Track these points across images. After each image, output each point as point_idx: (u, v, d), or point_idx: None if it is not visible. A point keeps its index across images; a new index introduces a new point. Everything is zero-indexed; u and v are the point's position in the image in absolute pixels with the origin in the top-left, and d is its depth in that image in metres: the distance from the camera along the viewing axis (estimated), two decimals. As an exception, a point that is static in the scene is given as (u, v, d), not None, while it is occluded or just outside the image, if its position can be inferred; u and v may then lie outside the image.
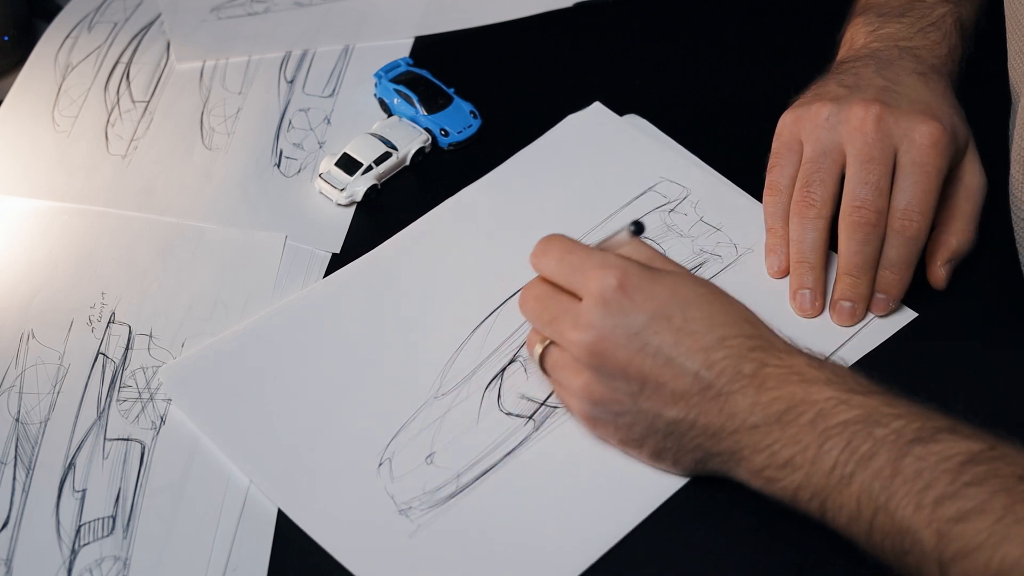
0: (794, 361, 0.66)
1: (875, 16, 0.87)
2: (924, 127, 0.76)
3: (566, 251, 0.70)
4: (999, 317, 0.79)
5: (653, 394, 0.67)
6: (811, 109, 0.79)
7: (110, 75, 0.99)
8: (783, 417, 0.65)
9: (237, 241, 0.86)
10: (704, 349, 0.66)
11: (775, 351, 0.67)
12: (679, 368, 0.66)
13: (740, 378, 0.66)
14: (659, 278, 0.68)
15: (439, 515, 0.70)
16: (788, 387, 0.65)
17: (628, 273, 0.67)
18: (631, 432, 0.69)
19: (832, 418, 0.64)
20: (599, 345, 0.67)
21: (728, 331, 0.67)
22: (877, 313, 0.79)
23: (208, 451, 0.74)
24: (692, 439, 0.67)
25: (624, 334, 0.66)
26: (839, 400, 0.64)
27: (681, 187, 0.87)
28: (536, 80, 0.98)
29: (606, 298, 0.67)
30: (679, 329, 0.66)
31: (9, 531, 0.70)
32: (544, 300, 0.70)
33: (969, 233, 0.80)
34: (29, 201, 0.89)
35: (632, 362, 0.67)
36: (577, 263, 0.69)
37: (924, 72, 0.81)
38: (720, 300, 0.69)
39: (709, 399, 0.66)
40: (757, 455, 0.66)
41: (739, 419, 0.65)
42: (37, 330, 0.80)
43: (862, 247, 0.77)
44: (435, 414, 0.75)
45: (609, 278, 0.67)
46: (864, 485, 0.62)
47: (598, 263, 0.68)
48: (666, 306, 0.67)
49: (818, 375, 0.65)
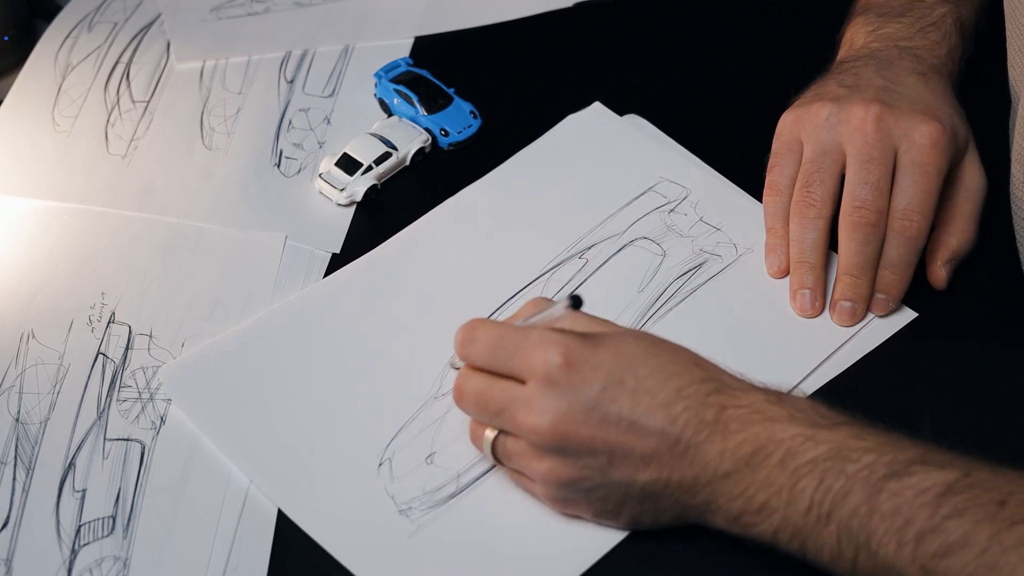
0: (752, 399, 0.65)
1: (875, 16, 0.87)
2: (924, 127, 0.76)
3: (497, 336, 0.67)
4: (999, 317, 0.79)
5: (623, 462, 0.65)
6: (811, 109, 0.79)
7: (110, 75, 0.99)
8: (752, 460, 0.63)
9: (237, 241, 0.86)
10: (663, 405, 0.64)
11: (731, 391, 0.65)
12: (643, 430, 0.64)
13: (704, 427, 0.64)
14: (600, 343, 0.66)
15: (439, 515, 0.70)
16: (752, 428, 0.64)
17: (570, 347, 0.65)
18: (606, 504, 0.67)
19: (801, 456, 0.62)
20: (559, 426, 0.64)
21: (682, 380, 0.65)
22: (877, 313, 0.79)
23: (208, 451, 0.74)
24: (668, 497, 0.66)
25: (582, 410, 0.64)
26: (805, 437, 0.63)
27: (681, 187, 0.87)
28: (536, 80, 0.98)
29: (553, 377, 0.64)
30: (634, 391, 0.64)
31: (9, 531, 0.70)
32: (485, 392, 0.67)
33: (969, 233, 0.80)
34: (29, 201, 0.89)
35: (596, 436, 0.64)
36: (512, 347, 0.66)
37: (924, 72, 0.81)
38: (664, 350, 0.67)
39: (679, 454, 0.64)
40: (732, 503, 0.64)
41: (711, 469, 0.64)
42: (37, 330, 0.80)
43: (862, 247, 0.77)
44: (435, 414, 0.75)
45: (552, 356, 0.64)
46: (842, 524, 0.61)
47: (536, 342, 0.65)
48: (615, 371, 0.65)
49: (779, 412, 0.64)
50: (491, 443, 0.68)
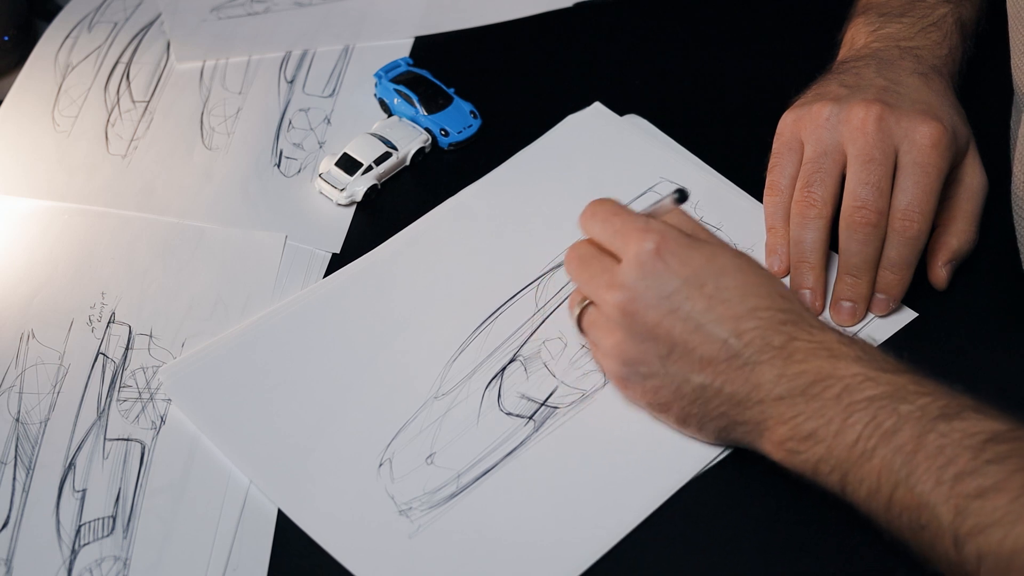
0: (824, 337, 0.67)
1: (876, 16, 0.87)
2: (925, 127, 0.76)
3: (611, 213, 0.71)
4: (999, 317, 0.79)
5: (681, 358, 0.68)
6: (812, 109, 0.79)
7: (110, 75, 0.99)
8: (809, 390, 0.65)
9: (237, 241, 0.86)
10: (735, 318, 0.67)
11: (806, 326, 0.68)
12: (708, 334, 0.67)
13: (768, 349, 0.67)
14: (697, 246, 0.69)
15: (439, 515, 0.70)
16: (816, 361, 0.66)
17: (667, 238, 0.69)
18: (658, 395, 0.70)
19: (858, 393, 0.64)
20: (630, 305, 0.68)
21: (760, 302, 0.68)
22: (877, 313, 0.79)
23: (208, 451, 0.74)
24: (717, 406, 0.68)
25: (656, 296, 0.68)
26: (866, 376, 0.65)
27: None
28: (536, 80, 0.98)
29: (642, 260, 0.68)
30: (711, 296, 0.68)
31: (9, 531, 0.70)
32: (586, 260, 0.72)
33: (970, 233, 0.80)
34: (29, 201, 0.89)
35: (661, 324, 0.68)
36: (620, 226, 0.70)
37: (925, 72, 0.81)
38: (756, 272, 0.69)
39: (736, 367, 0.67)
40: (781, 426, 0.66)
41: (764, 390, 0.66)
42: (37, 330, 0.80)
43: (862, 247, 0.77)
44: (435, 414, 0.75)
45: (647, 242, 0.68)
46: (885, 460, 0.63)
47: (639, 227, 0.69)
48: (700, 273, 0.68)
49: (847, 351, 0.66)
50: (580, 309, 0.73)
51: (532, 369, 0.77)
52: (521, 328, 0.79)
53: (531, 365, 0.77)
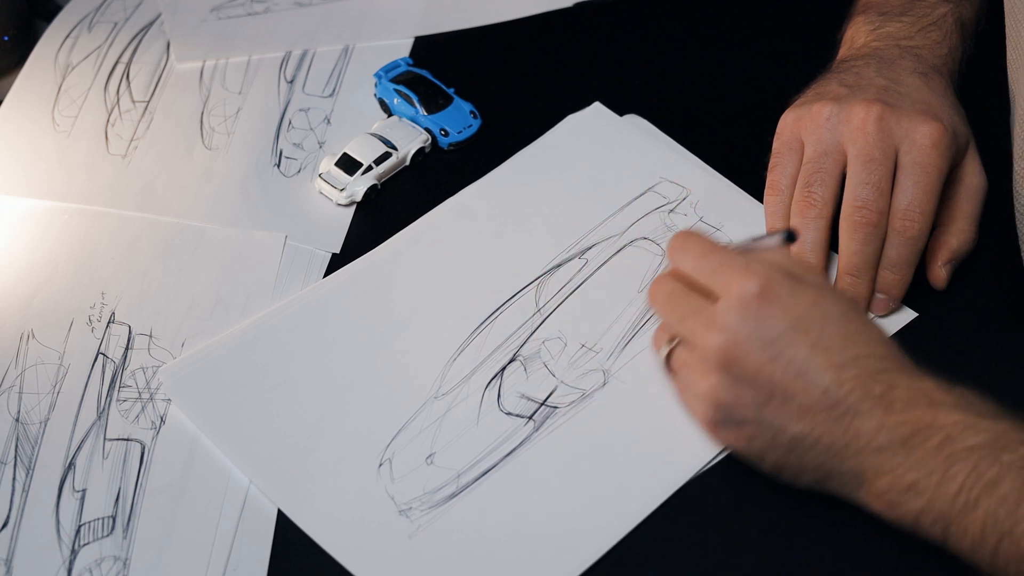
0: (923, 384, 0.65)
1: (876, 15, 0.87)
2: (925, 127, 0.76)
3: (708, 249, 0.69)
4: (999, 317, 0.79)
5: (780, 406, 0.66)
6: (812, 108, 0.79)
7: (110, 75, 0.99)
8: (910, 441, 0.63)
9: (237, 241, 0.86)
10: (836, 366, 0.65)
11: (905, 374, 0.66)
12: (810, 382, 0.65)
13: (868, 398, 0.64)
14: (801, 289, 0.67)
15: (439, 515, 0.70)
16: (916, 411, 0.64)
17: (771, 280, 0.66)
18: (752, 444, 0.68)
19: (959, 443, 0.63)
20: (732, 349, 0.66)
21: (862, 350, 0.66)
22: (877, 313, 0.79)
23: (208, 451, 0.74)
24: (814, 457, 0.66)
25: (759, 341, 0.66)
26: (966, 424, 0.63)
27: (681, 187, 0.87)
28: (536, 80, 0.98)
29: (746, 303, 0.66)
30: (815, 343, 0.65)
31: (9, 531, 0.70)
32: (677, 296, 0.70)
33: (970, 233, 0.80)
34: (29, 201, 0.89)
35: (763, 370, 0.66)
36: (718, 264, 0.68)
37: (925, 72, 0.81)
38: (858, 319, 0.68)
39: (835, 417, 0.65)
40: (880, 478, 0.64)
41: (864, 440, 0.64)
42: (37, 330, 0.80)
43: (863, 247, 0.77)
44: (435, 414, 0.75)
45: (751, 283, 0.66)
46: (989, 511, 0.61)
47: (741, 266, 0.67)
48: (805, 319, 0.66)
49: (946, 399, 0.64)
50: (669, 348, 0.71)
51: (532, 369, 0.77)
52: (521, 328, 0.79)
53: (531, 365, 0.77)
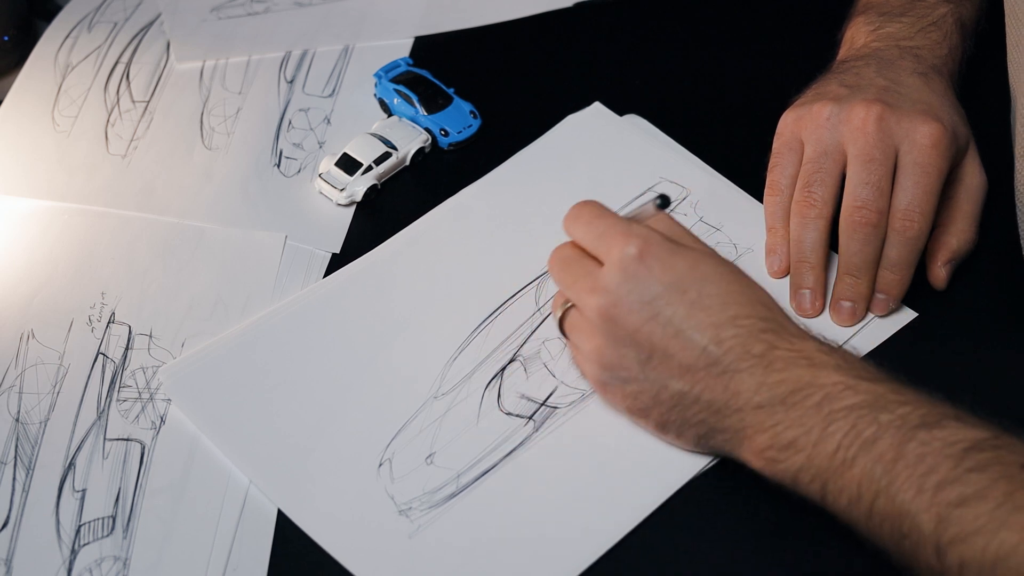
0: (804, 345, 0.67)
1: (876, 15, 0.87)
2: (925, 127, 0.76)
3: (595, 216, 0.71)
4: (999, 317, 0.79)
5: (660, 364, 0.68)
6: (812, 109, 0.79)
7: (110, 75, 0.99)
8: (789, 399, 0.65)
9: (237, 241, 0.86)
10: (715, 325, 0.67)
11: (786, 335, 0.67)
12: (687, 341, 0.67)
13: (748, 357, 0.66)
14: (680, 251, 0.69)
15: (439, 515, 0.70)
16: (796, 370, 0.66)
17: (650, 243, 0.68)
18: (637, 401, 0.70)
19: (838, 402, 0.64)
20: (611, 310, 0.68)
21: (742, 310, 0.67)
22: (877, 313, 0.79)
23: (208, 451, 0.74)
24: (696, 413, 0.68)
25: (637, 301, 0.68)
26: (846, 385, 0.65)
27: (680, 187, 0.87)
28: (536, 80, 0.98)
29: (624, 265, 0.68)
30: (692, 303, 0.67)
31: (9, 531, 0.70)
32: (568, 262, 0.72)
33: (970, 233, 0.80)
34: (29, 201, 0.89)
35: (641, 329, 0.68)
36: (603, 229, 0.70)
37: (925, 72, 0.81)
38: (738, 280, 0.69)
39: (715, 375, 0.67)
40: (760, 435, 0.66)
41: (744, 398, 0.66)
42: (37, 330, 0.80)
43: (862, 247, 0.77)
44: (435, 414, 0.75)
45: (630, 246, 0.68)
46: (866, 469, 0.63)
47: (623, 230, 0.69)
48: (683, 279, 0.68)
49: (827, 360, 0.66)
50: (563, 311, 0.73)
51: (532, 369, 0.77)
52: (521, 328, 0.79)
53: (531, 365, 0.77)
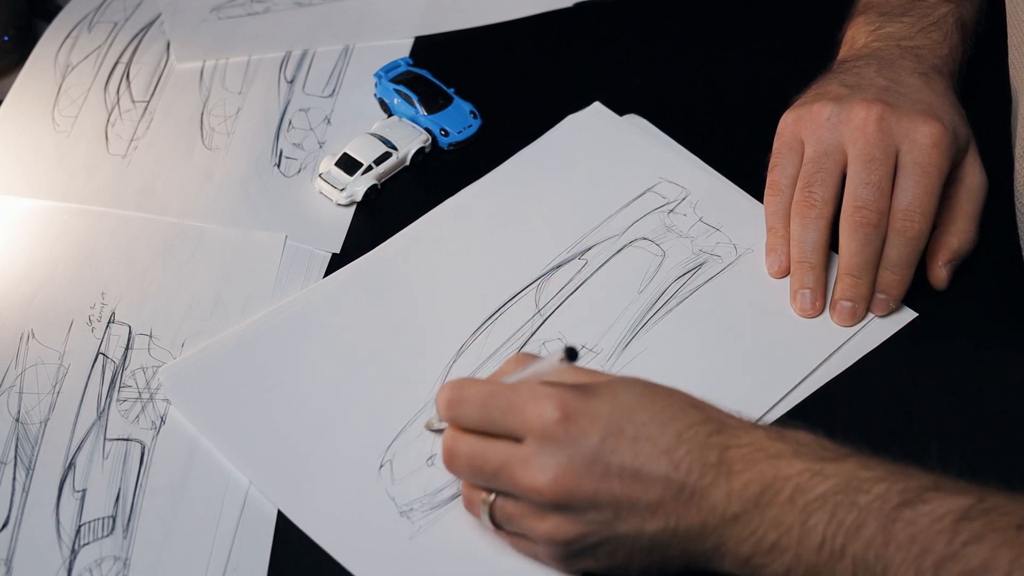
0: (753, 437, 0.63)
1: (876, 15, 0.87)
2: (926, 127, 0.76)
3: (487, 394, 0.65)
4: (999, 317, 0.79)
5: (629, 514, 0.63)
6: (812, 109, 0.79)
7: (110, 75, 0.99)
8: (760, 500, 0.61)
9: (237, 241, 0.86)
10: (665, 451, 0.62)
11: (732, 430, 0.63)
12: (647, 478, 0.62)
13: (708, 470, 0.62)
14: (594, 394, 0.64)
15: (440, 517, 0.70)
16: (757, 466, 0.62)
17: (565, 399, 0.63)
18: (613, 559, 0.64)
19: (810, 492, 0.61)
20: (561, 482, 0.62)
21: (681, 424, 0.63)
22: (877, 313, 0.79)
23: (208, 451, 0.74)
24: (677, 546, 0.63)
25: (583, 463, 0.62)
26: (813, 472, 0.61)
27: (680, 187, 0.87)
28: (536, 80, 0.98)
29: (551, 432, 0.62)
30: (634, 439, 0.62)
31: (9, 531, 0.70)
32: (479, 453, 0.65)
33: (970, 233, 0.80)
34: (29, 201, 0.89)
35: (600, 489, 0.62)
36: (504, 404, 0.64)
37: (925, 72, 0.81)
38: (659, 395, 0.65)
39: (684, 500, 0.62)
40: (742, 545, 0.62)
41: (718, 513, 0.62)
42: (37, 330, 0.80)
43: (863, 247, 0.77)
44: (436, 416, 0.75)
45: (548, 410, 0.62)
46: (858, 557, 0.59)
47: (529, 397, 0.63)
48: (613, 421, 0.63)
49: (783, 448, 0.62)
50: (489, 507, 0.66)
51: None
52: (521, 329, 0.79)
53: None
